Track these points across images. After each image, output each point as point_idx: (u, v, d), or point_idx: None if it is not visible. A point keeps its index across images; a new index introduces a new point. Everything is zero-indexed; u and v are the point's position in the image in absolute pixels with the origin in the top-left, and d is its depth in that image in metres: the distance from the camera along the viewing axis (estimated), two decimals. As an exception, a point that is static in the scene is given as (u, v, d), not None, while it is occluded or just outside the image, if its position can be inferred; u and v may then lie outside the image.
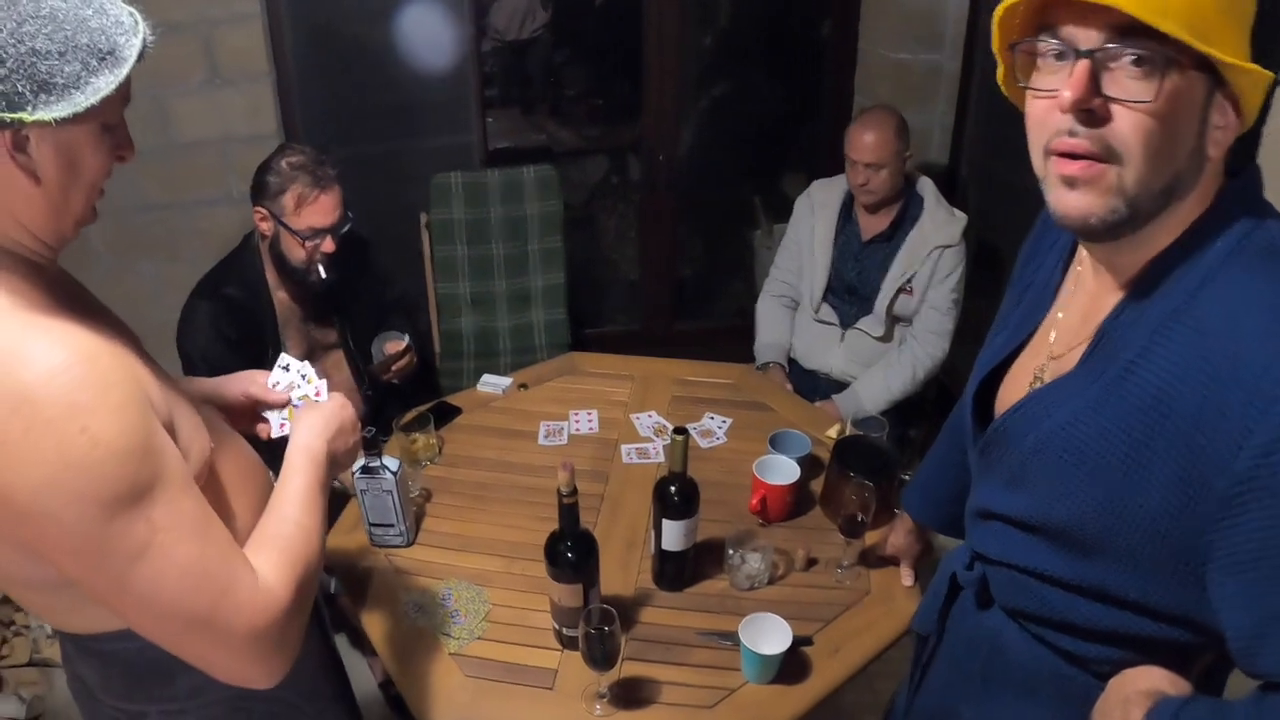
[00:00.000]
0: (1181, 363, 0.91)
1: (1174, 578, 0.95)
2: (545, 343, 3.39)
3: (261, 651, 1.04)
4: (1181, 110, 0.87)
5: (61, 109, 0.87)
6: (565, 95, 5.87)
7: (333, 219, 2.22)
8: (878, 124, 2.57)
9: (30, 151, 0.91)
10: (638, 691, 1.58)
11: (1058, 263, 1.17)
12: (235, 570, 1.02)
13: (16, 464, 0.86)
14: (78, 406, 0.88)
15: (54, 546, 0.93)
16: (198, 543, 0.98)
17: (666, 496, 1.68)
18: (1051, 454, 1.03)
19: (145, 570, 0.94)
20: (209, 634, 1.00)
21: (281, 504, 1.17)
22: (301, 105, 3.25)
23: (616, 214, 5.04)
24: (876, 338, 2.75)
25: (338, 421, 1.31)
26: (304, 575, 1.10)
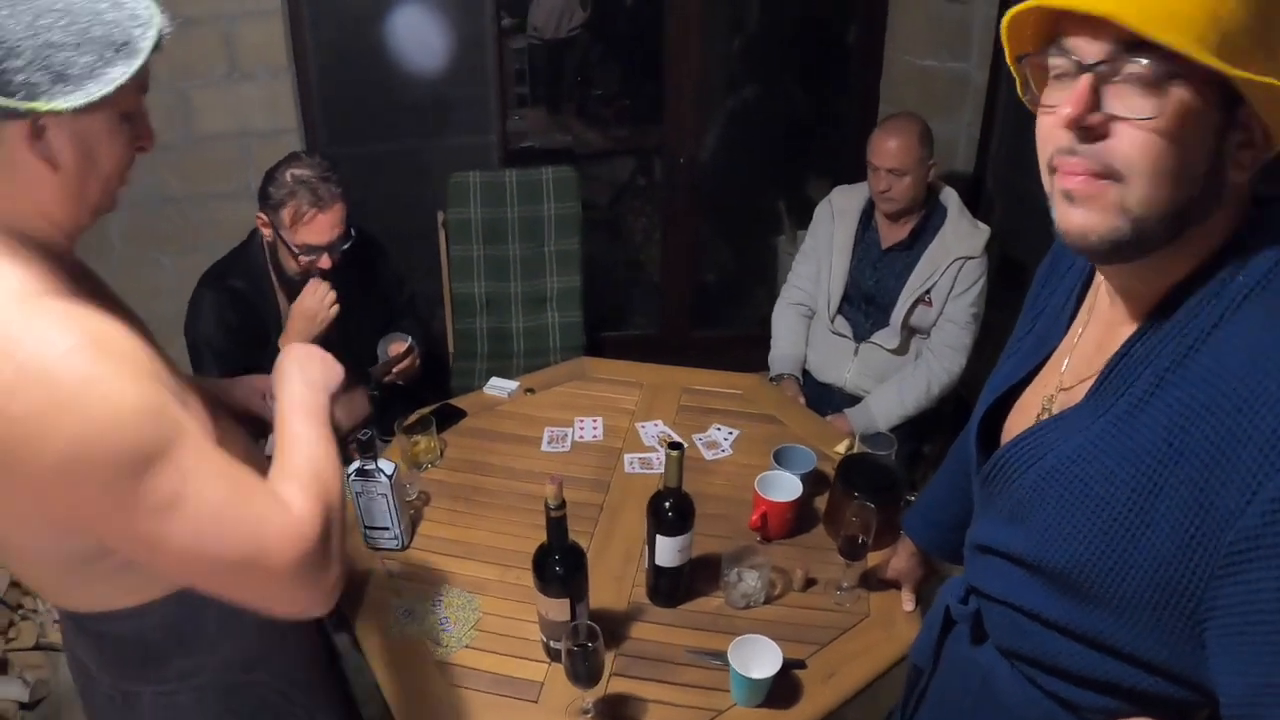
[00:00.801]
0: (1194, 405, 0.86)
1: (1172, 633, 0.91)
2: (559, 345, 3.37)
3: (308, 576, 1.05)
4: (1190, 128, 0.81)
5: (76, 99, 0.90)
6: (593, 95, 5.85)
7: (329, 238, 2.20)
8: (901, 130, 2.52)
9: (48, 140, 0.95)
10: (623, 709, 1.55)
11: (1073, 289, 1.12)
12: (267, 504, 1.04)
13: (43, 437, 0.89)
14: (96, 378, 0.91)
15: (90, 514, 0.95)
16: (227, 484, 1.00)
17: (661, 512, 1.64)
18: (1052, 492, 0.98)
19: (180, 520, 0.96)
20: (255, 570, 1.01)
21: (287, 443, 1.17)
22: (321, 101, 3.26)
23: (644, 216, 5.02)
24: (891, 350, 2.70)
25: (296, 361, 1.30)
26: (328, 495, 1.11)
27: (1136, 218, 0.85)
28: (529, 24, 5.85)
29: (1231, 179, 0.84)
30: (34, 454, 0.89)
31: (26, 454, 0.89)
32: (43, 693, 2.59)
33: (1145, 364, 0.91)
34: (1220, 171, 0.84)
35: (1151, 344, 0.92)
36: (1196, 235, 0.88)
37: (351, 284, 2.36)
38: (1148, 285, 0.94)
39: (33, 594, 2.68)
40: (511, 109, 5.44)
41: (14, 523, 1.03)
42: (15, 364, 0.89)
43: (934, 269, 2.57)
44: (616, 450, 2.24)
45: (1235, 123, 0.82)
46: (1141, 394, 0.91)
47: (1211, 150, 0.83)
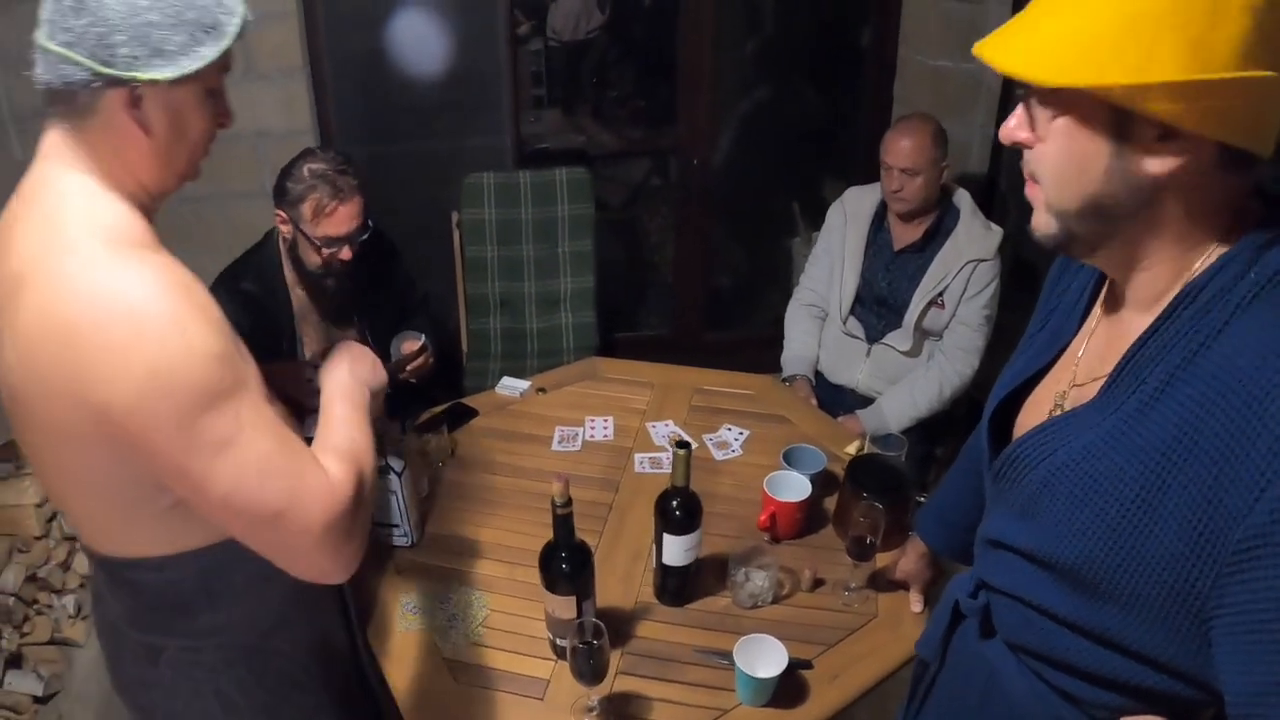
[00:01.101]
0: (1204, 402, 0.86)
1: (1179, 631, 0.91)
2: (573, 345, 3.37)
3: (334, 540, 1.14)
4: (1079, 132, 0.89)
5: (170, 71, 1.04)
6: (609, 97, 5.87)
7: (349, 229, 2.20)
8: (914, 130, 2.51)
9: (144, 108, 1.07)
10: (628, 707, 1.55)
11: (1086, 285, 1.13)
12: (308, 465, 1.13)
13: (125, 364, 0.99)
14: (178, 316, 1.02)
15: (153, 442, 1.04)
16: (275, 439, 1.10)
17: (668, 511, 1.64)
18: (1062, 488, 0.99)
19: (230, 462, 1.06)
20: (286, 523, 1.10)
21: (329, 423, 1.27)
22: (336, 102, 3.27)
23: (659, 217, 5.02)
24: (903, 352, 2.68)
25: (348, 356, 1.41)
26: (362, 471, 1.20)
27: (1058, 213, 0.94)
28: (549, 27, 5.88)
29: (1153, 169, 0.86)
30: (115, 380, 1.00)
31: (109, 379, 1.00)
32: (56, 687, 2.62)
33: (1156, 361, 0.92)
34: (1133, 169, 0.87)
35: (1163, 341, 0.92)
36: (1204, 233, 0.90)
37: (364, 282, 2.37)
38: (1157, 283, 0.95)
39: (48, 589, 2.70)
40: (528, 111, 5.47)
41: (80, 452, 1.11)
42: (106, 301, 1.00)
43: (946, 271, 2.56)
44: (627, 450, 2.24)
45: (1132, 120, 0.85)
46: (1152, 391, 0.91)
47: (1108, 149, 0.87)
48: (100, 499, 1.19)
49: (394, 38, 3.25)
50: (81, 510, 1.25)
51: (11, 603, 2.57)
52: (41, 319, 1.01)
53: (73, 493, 1.22)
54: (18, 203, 1.11)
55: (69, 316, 1.00)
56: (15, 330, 1.04)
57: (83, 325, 0.99)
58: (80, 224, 1.05)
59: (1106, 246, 0.95)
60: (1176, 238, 0.91)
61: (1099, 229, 0.93)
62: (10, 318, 1.05)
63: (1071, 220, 0.94)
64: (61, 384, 1.02)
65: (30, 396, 1.07)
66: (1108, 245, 0.95)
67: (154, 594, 1.28)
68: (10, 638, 2.56)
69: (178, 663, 1.34)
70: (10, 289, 1.05)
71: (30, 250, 1.05)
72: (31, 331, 1.02)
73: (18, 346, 1.05)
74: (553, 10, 5.85)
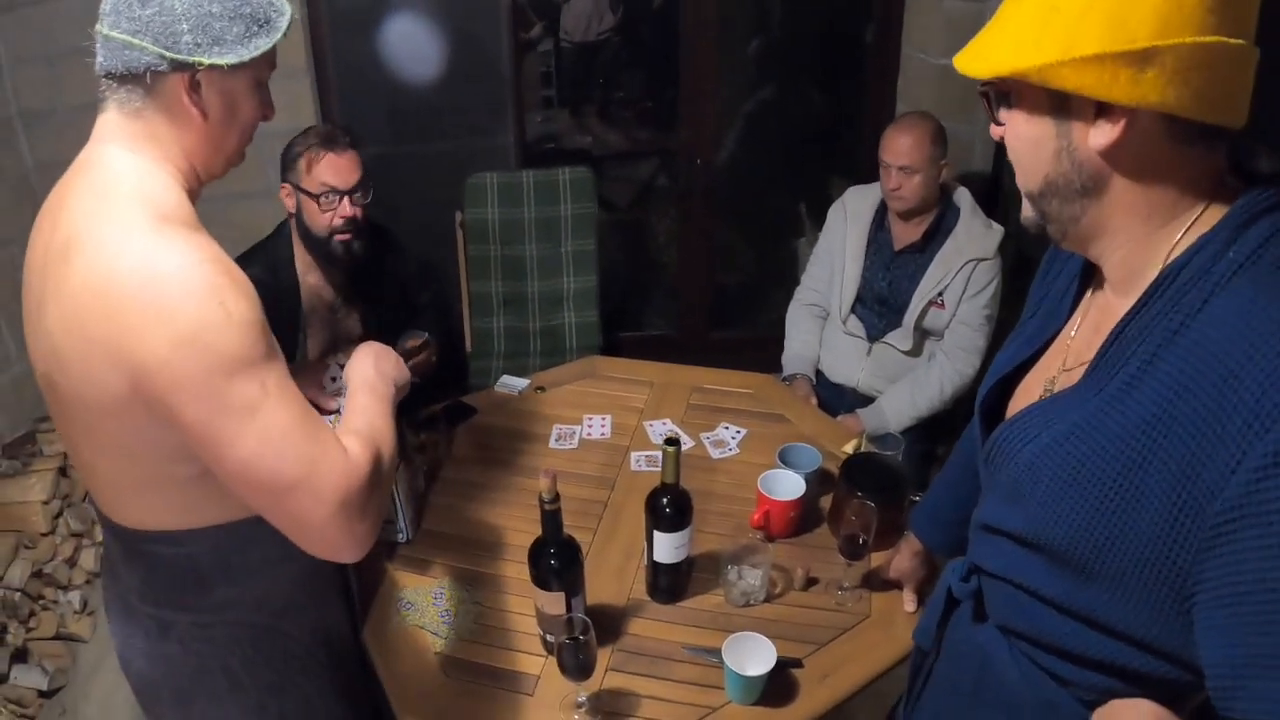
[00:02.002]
0: (1182, 379, 0.87)
1: (1163, 610, 0.91)
2: (575, 345, 3.38)
3: (348, 516, 1.16)
4: (1028, 118, 0.95)
5: (230, 58, 1.14)
6: (616, 98, 5.88)
7: (348, 180, 2.20)
8: (914, 128, 2.50)
9: (202, 93, 1.16)
10: (617, 704, 1.55)
11: (1076, 274, 1.13)
12: (327, 439, 1.17)
13: (163, 323, 1.06)
14: (218, 286, 1.09)
15: (179, 399, 1.09)
16: (298, 412, 1.15)
17: (658, 508, 1.64)
18: (1046, 470, 0.99)
19: (253, 429, 1.10)
20: (302, 494, 1.13)
21: (352, 409, 1.33)
22: (340, 102, 3.27)
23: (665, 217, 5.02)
24: (904, 352, 2.67)
25: (372, 352, 1.46)
26: (381, 455, 1.25)
27: (1026, 196, 1.01)
28: (561, 28, 5.90)
29: (1095, 143, 0.89)
30: (152, 338, 1.06)
31: (146, 337, 1.06)
32: (61, 682, 2.63)
33: (1138, 342, 0.93)
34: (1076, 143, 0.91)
35: (1144, 322, 0.93)
36: (1172, 210, 0.92)
37: (369, 280, 2.39)
38: (1134, 263, 0.96)
39: (54, 585, 2.72)
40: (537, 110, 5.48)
41: (113, 415, 1.15)
42: (151, 265, 1.07)
43: (946, 271, 2.55)
44: (624, 448, 2.24)
45: (1068, 100, 0.90)
46: (1135, 372, 0.92)
47: (1053, 130, 0.93)
48: (126, 466, 1.24)
49: (398, 39, 3.25)
50: (106, 478, 1.29)
51: (18, 598, 2.59)
52: (88, 281, 1.08)
53: (100, 460, 1.26)
54: (71, 176, 1.19)
55: (115, 278, 1.06)
56: (61, 293, 1.11)
57: (128, 286, 1.06)
58: (130, 197, 1.12)
59: (1074, 228, 0.98)
60: (1142, 216, 0.93)
61: (1061, 210, 0.97)
62: (57, 283, 1.12)
63: (1038, 203, 0.99)
64: (101, 342, 1.08)
65: (70, 358, 1.12)
66: (1075, 226, 0.98)
67: (170, 567, 1.32)
68: (16, 632, 2.57)
69: (188, 638, 1.37)
70: (59, 255, 1.12)
71: (81, 220, 1.12)
72: (78, 292, 1.09)
73: (63, 307, 1.11)
74: (565, 11, 5.87)
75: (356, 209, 2.22)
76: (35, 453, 2.84)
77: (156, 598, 1.36)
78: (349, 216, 2.21)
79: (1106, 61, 0.83)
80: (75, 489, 2.83)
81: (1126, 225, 0.95)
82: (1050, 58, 0.85)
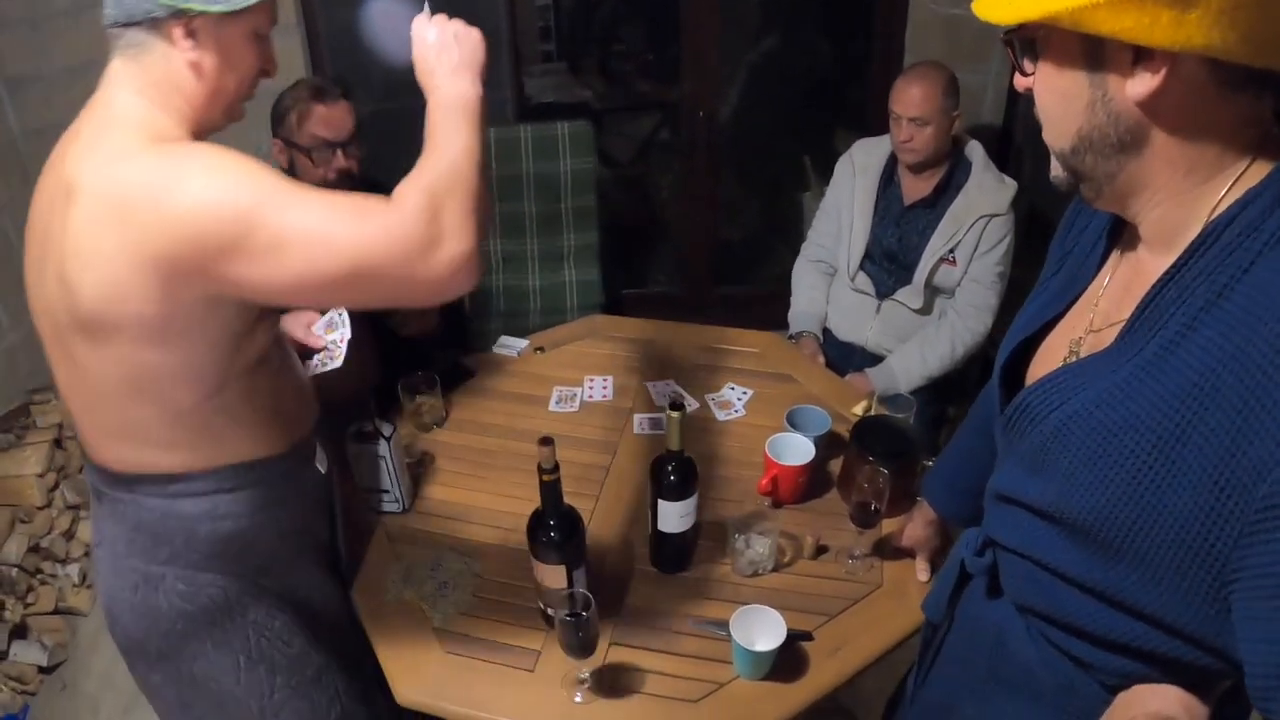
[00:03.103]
0: (1226, 348, 0.80)
1: (1196, 594, 0.85)
2: (577, 303, 3.31)
3: (417, 263, 1.14)
4: (1058, 69, 0.88)
5: (221, 6, 1.17)
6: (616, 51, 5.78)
7: (339, 133, 2.13)
8: (924, 78, 2.41)
9: (198, 39, 1.19)
10: (621, 680, 1.50)
11: (1104, 228, 1.07)
12: (359, 212, 1.15)
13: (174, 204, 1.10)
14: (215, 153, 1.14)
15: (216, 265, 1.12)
16: (318, 211, 1.14)
17: (663, 476, 1.58)
18: (1074, 439, 0.93)
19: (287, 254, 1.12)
20: (366, 275, 1.14)
21: (428, 148, 1.24)
22: (331, 58, 3.19)
23: (668, 172, 4.94)
24: (914, 310, 2.60)
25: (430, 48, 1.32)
26: (437, 178, 1.18)
27: (1058, 154, 0.94)
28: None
29: (1133, 93, 0.82)
30: (168, 221, 1.10)
31: (163, 223, 1.10)
32: (61, 657, 2.61)
33: (1177, 305, 0.86)
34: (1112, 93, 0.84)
35: (1183, 284, 0.86)
36: (1216, 163, 0.85)
37: None
38: (1172, 220, 0.90)
39: (51, 559, 2.69)
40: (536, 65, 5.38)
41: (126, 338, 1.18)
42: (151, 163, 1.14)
43: (958, 227, 2.47)
44: (626, 410, 2.18)
45: (1102, 46, 0.83)
46: (1172, 337, 0.86)
47: (1086, 80, 0.86)
48: (127, 397, 1.25)
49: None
50: (101, 417, 1.31)
51: (15, 573, 2.56)
52: (94, 198, 1.12)
53: (98, 398, 1.28)
54: (76, 124, 1.23)
55: (120, 185, 1.12)
56: (67, 225, 1.14)
57: (133, 185, 1.11)
58: (131, 129, 1.18)
59: (1110, 185, 0.91)
60: (1184, 170, 0.86)
61: (1096, 166, 0.90)
62: (61, 220, 1.16)
63: (1070, 160, 0.92)
64: (118, 248, 1.11)
65: (84, 284, 1.14)
66: (1110, 183, 0.91)
67: (158, 515, 1.34)
68: (14, 608, 2.55)
69: (173, 592, 1.37)
70: (63, 192, 1.16)
71: (84, 154, 1.17)
72: (86, 214, 1.12)
73: (70, 235, 1.14)
74: (565, -37, 5.76)
75: (351, 161, 2.15)
76: (29, 425, 2.79)
77: (142, 551, 1.37)
78: (343, 169, 2.13)
79: (1146, 2, 0.75)
80: (70, 461, 2.79)
81: (1167, 181, 0.88)
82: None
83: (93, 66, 1.25)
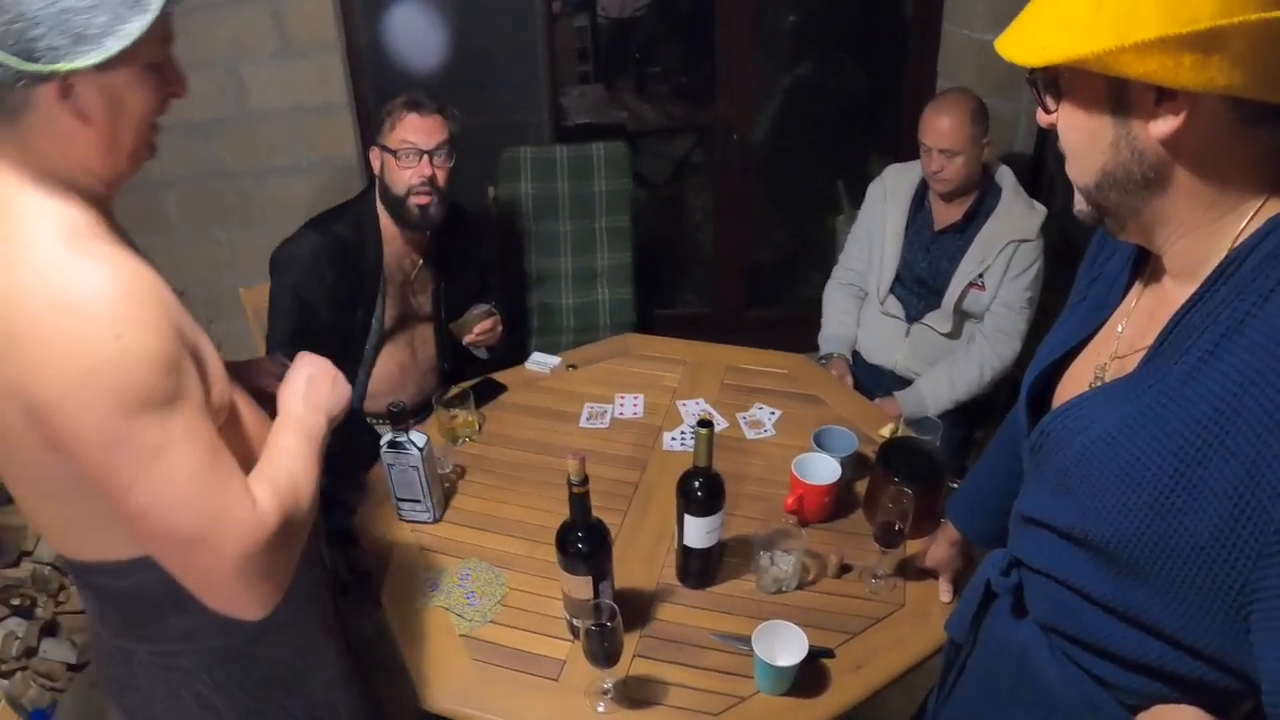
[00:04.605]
0: (1247, 372, 0.83)
1: (1216, 615, 0.87)
2: (609, 322, 3.34)
3: (250, 575, 1.11)
4: (1082, 108, 0.90)
5: (95, 56, 0.97)
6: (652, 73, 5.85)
7: (429, 140, 2.27)
8: (953, 108, 2.42)
9: (78, 96, 1.01)
10: (644, 691, 1.52)
11: (1130, 255, 1.09)
12: (235, 492, 1.10)
13: (56, 360, 0.97)
14: (116, 316, 0.99)
15: (79, 440, 1.01)
16: (206, 460, 1.07)
17: (690, 491, 1.61)
18: (1098, 463, 0.95)
19: (154, 475, 1.03)
20: (201, 551, 1.07)
21: (271, 451, 1.24)
22: (373, 75, 3.25)
23: (702, 194, 4.98)
24: (944, 334, 2.61)
25: (304, 375, 1.36)
26: (295, 509, 1.17)
27: (1081, 189, 0.96)
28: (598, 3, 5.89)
29: (1156, 133, 0.85)
30: (48, 376, 0.98)
31: (43, 375, 0.98)
32: (89, 655, 2.65)
33: (1200, 331, 0.89)
34: (1136, 133, 0.87)
35: (1207, 310, 0.89)
36: (1239, 196, 0.88)
37: (453, 254, 2.50)
38: (1196, 250, 0.92)
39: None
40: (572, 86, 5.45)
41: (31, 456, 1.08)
42: (47, 296, 0.98)
43: (987, 252, 2.49)
44: (656, 428, 2.21)
45: (1126, 87, 0.85)
46: (1195, 363, 0.88)
47: (1110, 120, 0.88)
48: (58, 503, 1.16)
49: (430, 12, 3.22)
50: (44, 515, 1.22)
51: (47, 572, 2.61)
52: None
53: (33, 498, 1.19)
54: None
55: (11, 312, 0.98)
56: None
57: (22, 320, 0.98)
58: (27, 221, 1.03)
59: (1134, 219, 0.94)
60: (1206, 204, 0.89)
61: (1120, 202, 0.93)
62: None
63: (1094, 195, 0.95)
64: (4, 382, 1.00)
65: None
66: (1135, 218, 0.94)
67: (120, 598, 1.25)
68: (45, 606, 2.59)
69: (151, 665, 1.31)
70: None
71: None
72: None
73: None
74: (603, -14, 5.86)
75: (436, 170, 2.29)
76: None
77: (114, 628, 1.30)
78: (427, 176, 2.27)
79: (1170, 45, 0.78)
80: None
81: (1189, 215, 0.90)
82: (1108, 44, 0.80)
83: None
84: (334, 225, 2.32)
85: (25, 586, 2.53)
